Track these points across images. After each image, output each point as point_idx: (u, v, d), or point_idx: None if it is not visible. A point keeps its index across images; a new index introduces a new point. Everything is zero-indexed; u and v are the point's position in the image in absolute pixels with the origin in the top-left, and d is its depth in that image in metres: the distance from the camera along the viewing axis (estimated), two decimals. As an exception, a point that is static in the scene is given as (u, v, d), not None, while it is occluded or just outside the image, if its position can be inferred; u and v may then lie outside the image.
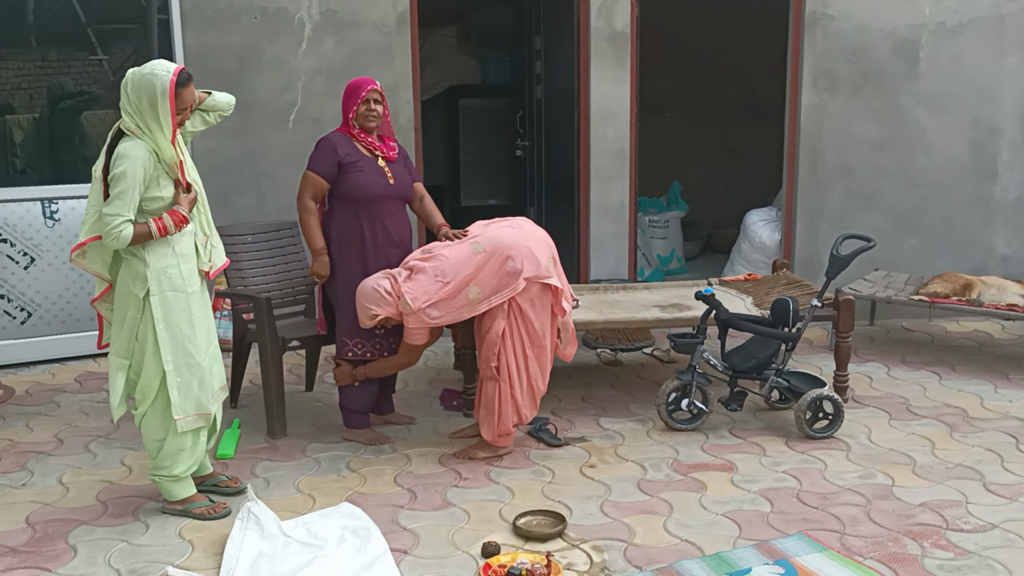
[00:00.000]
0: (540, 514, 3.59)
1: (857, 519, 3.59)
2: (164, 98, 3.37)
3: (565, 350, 4.28)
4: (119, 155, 3.36)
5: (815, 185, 6.23)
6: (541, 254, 4.05)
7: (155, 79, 3.38)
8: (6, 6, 5.48)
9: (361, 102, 4.15)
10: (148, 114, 3.39)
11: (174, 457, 3.63)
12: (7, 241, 5.45)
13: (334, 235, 4.20)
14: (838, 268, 4.52)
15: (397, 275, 4.05)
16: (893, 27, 6.08)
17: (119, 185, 3.35)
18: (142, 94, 3.38)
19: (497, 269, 3.99)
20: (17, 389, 5.19)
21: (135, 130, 3.41)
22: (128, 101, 3.41)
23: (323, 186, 4.15)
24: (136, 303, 3.48)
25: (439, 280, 4.00)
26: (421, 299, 3.98)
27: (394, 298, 4.01)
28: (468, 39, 8.76)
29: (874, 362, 5.47)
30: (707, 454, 4.21)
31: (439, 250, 4.10)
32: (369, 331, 4.23)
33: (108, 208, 3.36)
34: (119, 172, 3.35)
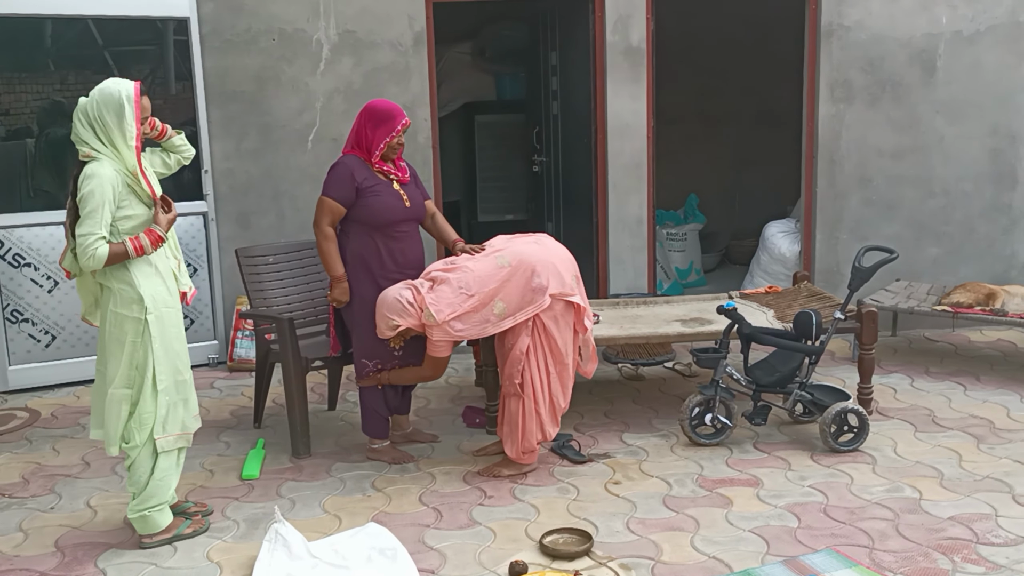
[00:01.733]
0: (566, 532, 3.59)
1: (886, 534, 3.56)
2: (130, 104, 3.41)
3: (586, 367, 4.28)
4: (85, 176, 3.37)
5: (833, 195, 6.21)
6: (565, 271, 4.06)
7: (118, 90, 3.42)
8: (25, 31, 5.55)
9: (395, 136, 4.15)
10: (114, 127, 3.40)
11: (162, 483, 3.59)
12: (31, 265, 5.51)
13: (350, 258, 4.18)
14: (861, 280, 4.50)
15: (419, 286, 4.04)
16: (909, 36, 6.07)
17: (88, 204, 3.34)
18: (107, 108, 3.40)
19: (523, 284, 3.99)
20: (43, 412, 5.23)
21: (93, 153, 3.41)
22: (89, 123, 3.42)
23: (340, 212, 4.12)
24: (135, 327, 3.47)
25: (463, 292, 3.99)
26: (445, 311, 3.96)
27: (416, 309, 3.99)
28: (483, 56, 8.79)
29: (897, 373, 5.44)
30: (732, 469, 4.20)
31: (463, 262, 4.09)
32: (388, 351, 4.24)
33: (81, 229, 3.34)
34: (87, 192, 3.34)
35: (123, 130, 3.41)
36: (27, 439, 4.83)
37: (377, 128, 4.13)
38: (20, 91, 5.61)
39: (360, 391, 4.39)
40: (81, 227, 3.34)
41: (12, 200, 5.52)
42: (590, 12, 6.03)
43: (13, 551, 3.64)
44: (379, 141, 4.14)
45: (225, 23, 5.74)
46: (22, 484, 4.26)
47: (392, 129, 4.14)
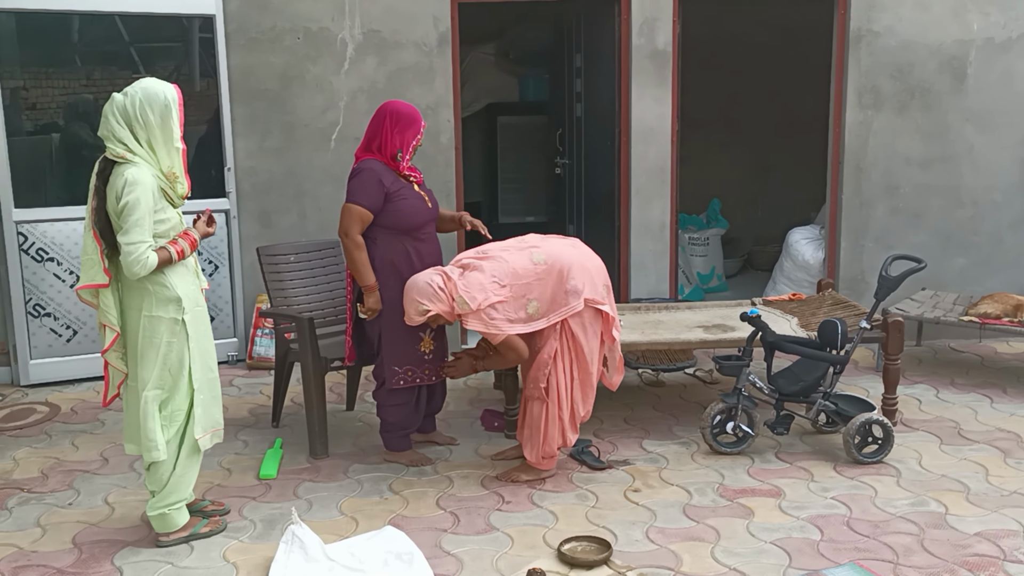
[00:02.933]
0: (585, 540, 3.55)
1: (911, 549, 3.50)
2: (175, 105, 3.38)
3: (611, 379, 4.24)
4: (129, 183, 3.30)
5: (859, 203, 6.13)
6: (598, 278, 4.04)
7: (163, 91, 3.36)
8: (53, 26, 5.57)
9: (420, 138, 4.13)
10: (156, 128, 3.35)
11: (182, 480, 3.58)
12: (54, 260, 5.52)
13: (379, 265, 4.10)
14: (887, 290, 4.44)
15: (450, 272, 3.95)
16: (940, 43, 5.98)
17: (135, 213, 3.29)
18: (152, 107, 3.34)
19: (556, 285, 3.94)
20: (63, 407, 5.24)
21: (127, 155, 3.34)
22: (127, 121, 3.34)
23: (369, 219, 4.05)
24: (171, 327, 3.45)
25: (496, 282, 3.91)
26: (479, 298, 3.86)
27: (447, 296, 3.88)
28: (507, 57, 8.77)
29: (923, 384, 5.37)
30: (753, 479, 4.14)
31: (496, 252, 4.02)
32: (418, 357, 4.19)
33: (128, 238, 3.30)
34: (132, 200, 3.29)
35: (166, 131, 3.37)
36: (47, 434, 4.84)
37: (405, 131, 4.09)
38: (47, 86, 5.64)
39: (380, 408, 4.33)
40: (129, 236, 3.30)
41: (37, 195, 5.54)
42: (616, 14, 5.99)
43: (31, 547, 3.64)
44: (408, 144, 4.11)
45: (250, 21, 5.74)
46: (41, 479, 4.27)
47: (417, 131, 4.12)
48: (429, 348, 4.20)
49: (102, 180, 3.38)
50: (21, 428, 4.92)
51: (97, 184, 3.39)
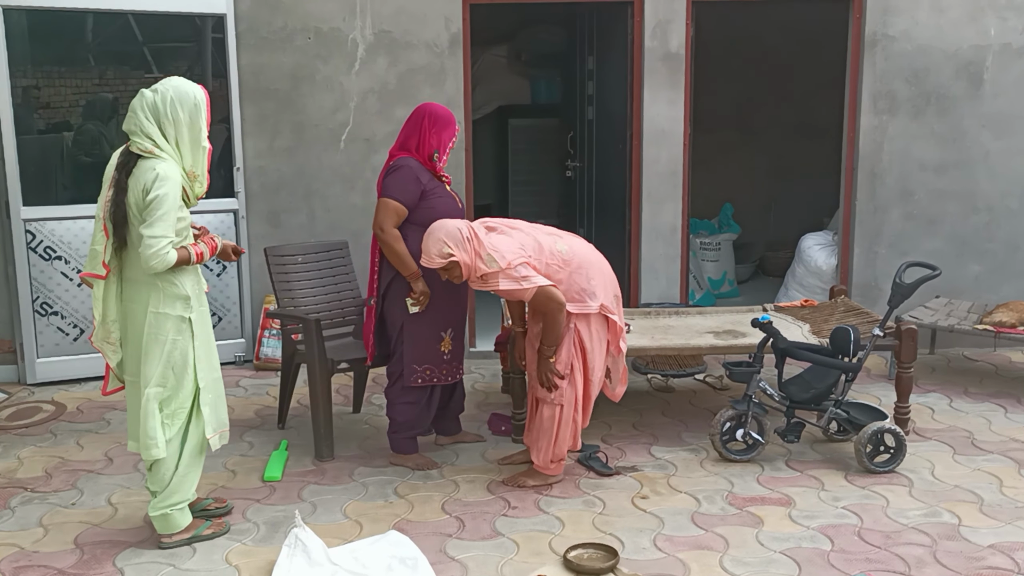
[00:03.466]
0: (591, 547, 3.50)
1: (923, 560, 3.44)
2: (204, 107, 3.41)
3: (614, 390, 4.20)
4: (161, 177, 3.29)
5: (873, 209, 6.07)
6: (610, 287, 4.02)
7: (193, 92, 3.39)
8: (66, 25, 5.56)
9: (455, 139, 4.19)
10: (185, 126, 3.37)
11: (184, 480, 3.55)
12: (62, 258, 5.51)
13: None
14: (901, 297, 4.38)
15: (476, 229, 3.87)
16: (956, 48, 5.92)
17: (163, 207, 3.28)
18: (183, 106, 3.36)
19: (573, 280, 3.89)
20: (68, 406, 5.22)
21: (155, 150, 3.34)
22: (156, 118, 3.35)
23: (404, 214, 4.07)
24: (177, 325, 3.44)
25: (522, 251, 3.84)
26: (508, 257, 3.79)
27: (472, 248, 3.81)
28: (519, 59, 8.73)
29: (936, 393, 5.30)
30: (763, 487, 4.09)
31: (523, 225, 3.98)
32: (438, 356, 4.20)
33: (152, 231, 3.28)
34: (162, 194, 3.27)
35: (194, 130, 3.38)
36: (52, 432, 4.82)
37: (442, 132, 4.14)
38: (59, 85, 5.64)
39: (391, 407, 4.32)
40: (153, 229, 3.28)
41: (45, 193, 5.53)
42: (629, 17, 5.95)
43: (32, 546, 3.62)
44: (444, 145, 4.16)
45: (261, 20, 5.73)
46: (45, 478, 4.25)
47: (453, 133, 4.19)
48: (448, 348, 4.21)
49: (124, 173, 3.36)
50: (26, 427, 4.91)
51: (117, 176, 3.37)
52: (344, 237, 5.33)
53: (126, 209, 3.35)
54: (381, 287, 4.22)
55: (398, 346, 4.23)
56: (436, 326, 4.17)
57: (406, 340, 4.18)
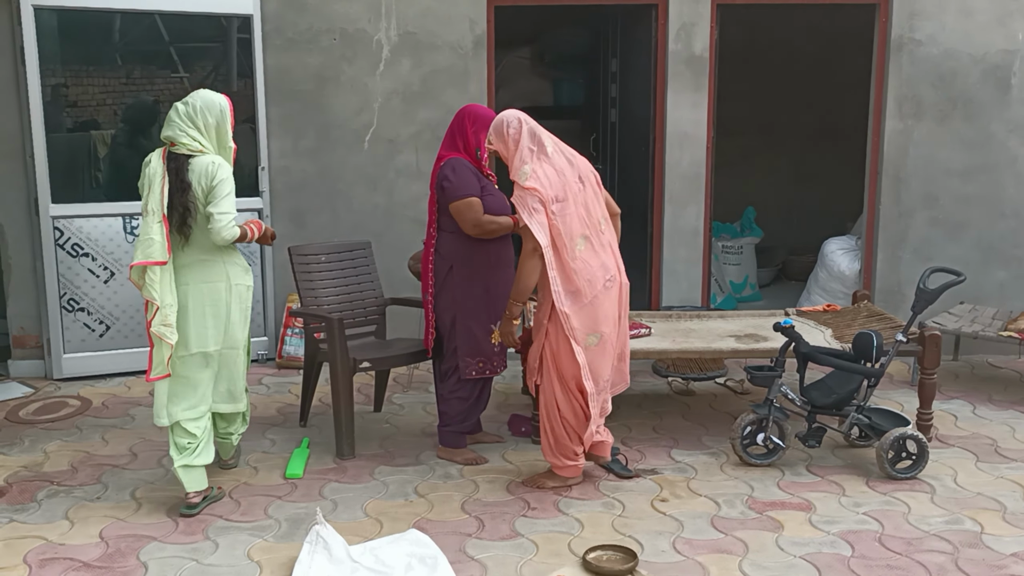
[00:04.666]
0: (610, 549, 3.51)
1: (945, 568, 3.42)
2: (228, 113, 3.93)
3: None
4: (219, 165, 3.84)
5: (898, 213, 6.03)
6: (604, 324, 3.95)
7: (218, 101, 3.91)
8: (94, 26, 5.63)
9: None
10: (212, 130, 3.89)
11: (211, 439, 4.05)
12: (89, 255, 5.58)
13: (464, 254, 4.22)
14: (925, 302, 4.35)
15: (531, 144, 3.87)
16: (984, 52, 5.87)
17: (225, 188, 3.82)
18: (210, 112, 3.87)
19: (594, 263, 3.88)
20: (94, 401, 5.28)
21: (203, 148, 3.86)
22: (193, 123, 3.84)
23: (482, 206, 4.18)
24: (248, 293, 4.01)
25: (555, 197, 3.80)
26: (533, 183, 3.77)
27: (511, 147, 3.86)
28: (542, 61, 8.74)
29: (959, 400, 5.26)
30: (784, 492, 4.08)
31: (578, 192, 3.91)
32: (489, 349, 4.30)
33: (219, 208, 3.80)
34: (224, 178, 3.83)
35: (221, 133, 3.90)
36: (78, 427, 4.88)
37: (482, 132, 4.20)
38: (87, 84, 5.70)
39: (443, 401, 4.40)
40: (220, 207, 3.79)
41: (73, 190, 5.60)
42: (653, 19, 5.95)
43: (59, 539, 3.67)
44: (483, 145, 4.22)
45: (288, 21, 5.77)
46: (70, 472, 4.31)
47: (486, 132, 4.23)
48: (497, 340, 4.29)
49: (182, 172, 3.81)
50: (53, 421, 4.97)
51: (174, 176, 3.81)
52: (367, 237, 5.36)
53: (195, 201, 3.80)
54: (437, 284, 4.28)
55: (450, 342, 4.30)
56: (487, 318, 4.28)
57: (460, 334, 4.27)
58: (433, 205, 4.29)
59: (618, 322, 4.02)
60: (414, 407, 5.19)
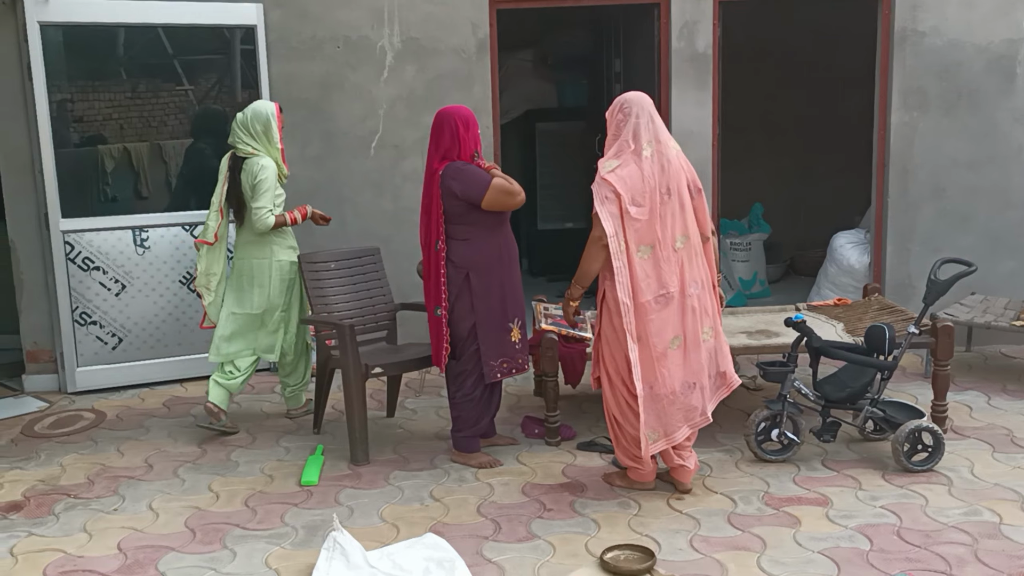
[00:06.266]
0: (628, 548, 3.50)
1: (964, 559, 3.41)
2: (274, 119, 4.78)
3: None
4: (263, 167, 4.69)
5: (906, 206, 6.02)
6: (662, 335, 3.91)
7: (265, 109, 4.79)
8: (99, 41, 5.66)
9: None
10: (263, 136, 4.75)
11: (299, 365, 5.08)
12: (100, 268, 5.60)
13: (479, 260, 4.21)
14: (937, 294, 4.34)
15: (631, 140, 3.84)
16: (988, 42, 5.86)
17: (264, 186, 4.67)
18: (258, 121, 4.75)
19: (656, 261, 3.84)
20: (108, 413, 5.30)
21: (256, 151, 4.74)
22: (246, 131, 4.75)
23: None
24: (292, 267, 4.84)
25: (634, 200, 3.78)
26: (614, 179, 3.76)
27: (611, 129, 3.90)
28: (545, 63, 8.74)
29: (973, 391, 5.24)
30: (799, 487, 4.07)
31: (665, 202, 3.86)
32: (511, 348, 4.30)
33: (257, 203, 4.67)
34: (264, 177, 4.68)
35: (269, 135, 4.76)
36: (93, 440, 4.90)
37: (474, 129, 4.24)
38: (93, 99, 5.73)
39: (455, 406, 4.40)
40: (258, 202, 4.67)
41: (83, 204, 5.62)
42: (655, 18, 5.95)
43: (77, 551, 3.68)
44: (479, 141, 4.27)
45: (291, 30, 5.79)
46: (87, 485, 4.32)
47: (477, 126, 4.28)
48: (517, 337, 4.31)
49: (236, 171, 4.75)
50: (68, 434, 4.99)
51: (231, 174, 4.78)
52: (375, 243, 5.37)
53: (245, 195, 4.73)
54: (452, 294, 4.24)
55: (465, 348, 4.28)
56: (504, 318, 4.29)
57: (482, 340, 4.25)
58: (439, 216, 4.19)
59: (683, 345, 3.87)
60: (427, 411, 5.19)
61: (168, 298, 5.74)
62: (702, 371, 3.92)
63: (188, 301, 5.78)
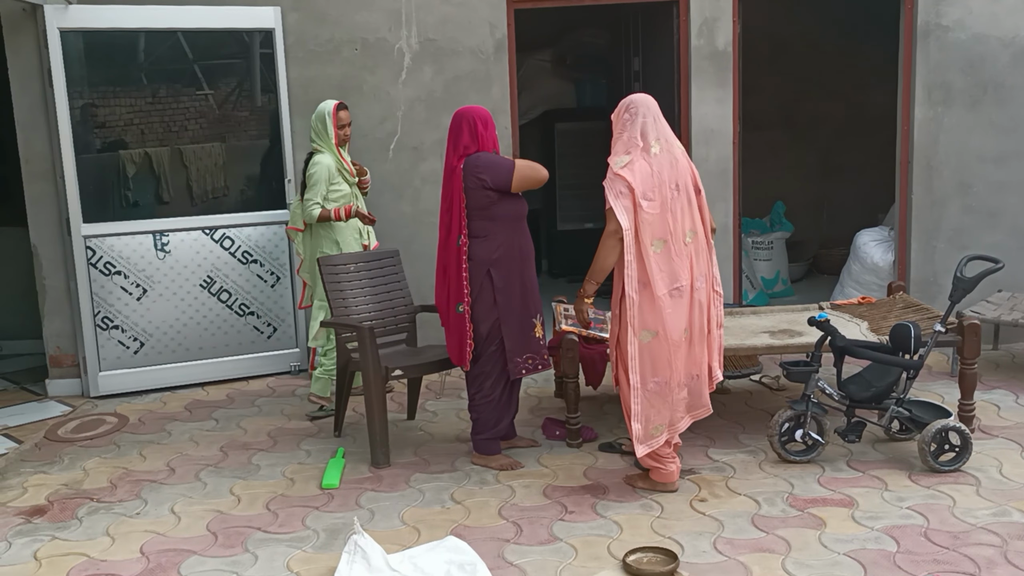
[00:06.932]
0: (651, 551, 3.47)
1: (993, 561, 3.35)
2: (330, 117, 5.07)
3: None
4: (314, 162, 5.06)
5: (930, 203, 5.94)
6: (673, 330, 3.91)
7: (323, 108, 5.10)
8: (119, 46, 5.69)
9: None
10: (323, 133, 5.08)
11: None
12: (121, 273, 5.63)
13: (499, 256, 4.21)
14: (963, 291, 4.27)
15: (641, 138, 3.88)
16: (1014, 35, 5.77)
17: (312, 180, 5.02)
18: (317, 119, 5.10)
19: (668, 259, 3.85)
20: (130, 417, 5.33)
21: (317, 148, 5.11)
22: (312, 128, 5.13)
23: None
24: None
25: (647, 195, 3.79)
26: (626, 173, 3.80)
27: (618, 128, 3.95)
28: (564, 63, 8.72)
29: (1000, 389, 5.16)
30: (824, 488, 4.02)
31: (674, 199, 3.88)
32: (536, 343, 4.30)
33: (306, 195, 5.04)
34: (314, 172, 5.03)
35: (327, 133, 5.06)
36: (115, 444, 4.92)
37: (492, 128, 4.25)
38: (114, 104, 5.76)
39: (474, 408, 4.39)
40: (307, 193, 5.03)
41: (104, 210, 5.65)
42: (675, 16, 5.91)
43: (101, 555, 3.69)
44: (496, 140, 4.29)
45: (309, 34, 5.80)
46: (110, 489, 4.34)
47: (494, 126, 4.30)
48: (540, 334, 4.31)
49: (305, 164, 5.11)
50: (91, 439, 5.02)
51: (304, 167, 5.12)
52: (395, 245, 5.36)
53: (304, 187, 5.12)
54: (474, 292, 4.24)
55: (484, 348, 4.27)
56: (527, 313, 4.29)
57: (506, 335, 4.25)
58: (461, 212, 4.20)
59: (689, 337, 3.90)
60: (447, 414, 5.18)
61: (189, 302, 5.76)
62: (703, 363, 3.98)
63: (209, 305, 5.80)
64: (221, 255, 5.79)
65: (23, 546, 3.80)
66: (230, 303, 5.85)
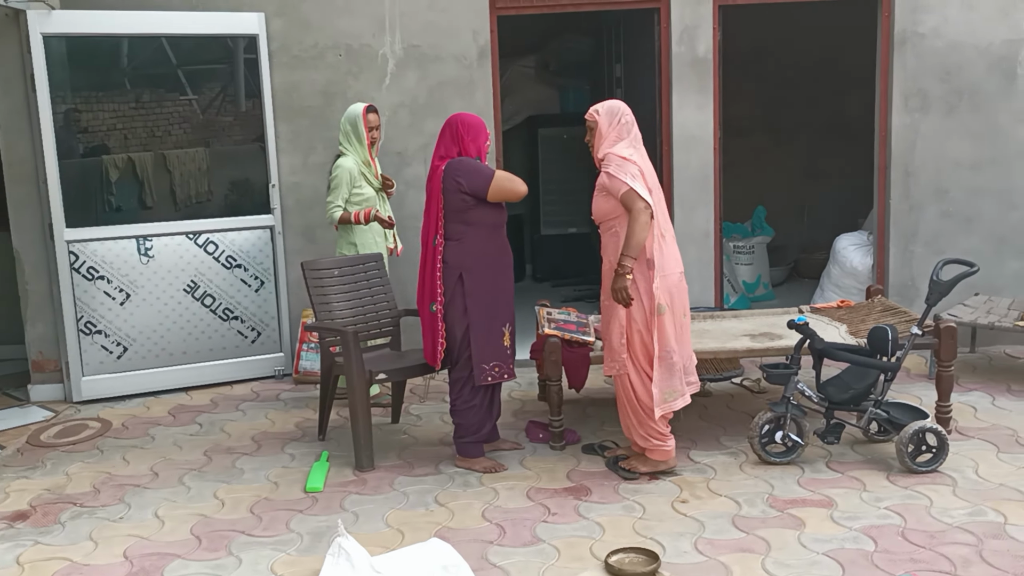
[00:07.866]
0: (632, 551, 3.50)
1: (969, 560, 3.40)
2: (360, 120, 5.11)
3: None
4: (337, 165, 5.13)
5: (908, 208, 6.02)
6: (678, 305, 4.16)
7: (354, 111, 5.14)
8: (102, 51, 5.70)
9: (488, 142, 4.37)
10: (351, 134, 5.13)
11: None
12: (104, 278, 5.63)
13: (472, 262, 4.24)
14: (939, 294, 4.34)
15: (629, 141, 4.14)
16: (988, 43, 5.87)
17: (333, 183, 5.10)
18: (347, 121, 5.14)
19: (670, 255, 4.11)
20: (114, 422, 5.32)
21: (344, 150, 5.15)
22: (342, 131, 5.16)
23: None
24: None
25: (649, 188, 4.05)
26: (620, 174, 4.01)
27: (615, 131, 4.13)
28: (547, 69, 8.77)
29: (977, 391, 5.24)
30: (804, 489, 4.07)
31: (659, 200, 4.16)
32: (504, 352, 4.33)
33: (328, 197, 5.13)
34: (335, 175, 5.11)
35: (357, 134, 5.12)
36: (98, 449, 4.92)
37: (479, 137, 4.31)
38: (97, 109, 5.76)
39: (456, 412, 4.42)
40: (329, 196, 5.13)
41: (87, 214, 5.65)
42: (656, 23, 5.97)
43: (84, 560, 3.70)
44: (483, 149, 4.33)
45: (293, 39, 5.82)
46: (93, 493, 4.34)
47: (487, 137, 4.36)
48: (508, 343, 4.33)
49: (332, 165, 5.19)
50: (74, 443, 5.01)
51: (330, 168, 5.20)
52: (377, 250, 5.37)
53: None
54: (447, 295, 4.28)
55: (460, 352, 4.30)
56: (498, 321, 4.31)
57: (473, 341, 4.27)
58: (438, 213, 4.26)
59: (682, 325, 4.15)
60: (431, 417, 5.20)
61: (172, 307, 5.76)
62: (690, 343, 4.28)
63: (192, 309, 5.81)
64: (205, 260, 5.80)
65: (5, 551, 3.79)
66: (214, 308, 5.85)
